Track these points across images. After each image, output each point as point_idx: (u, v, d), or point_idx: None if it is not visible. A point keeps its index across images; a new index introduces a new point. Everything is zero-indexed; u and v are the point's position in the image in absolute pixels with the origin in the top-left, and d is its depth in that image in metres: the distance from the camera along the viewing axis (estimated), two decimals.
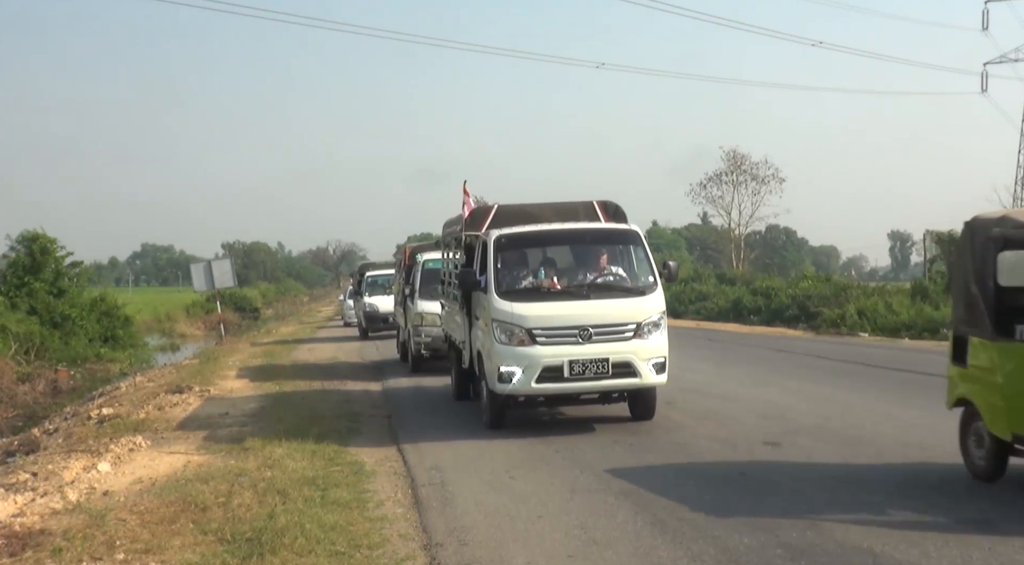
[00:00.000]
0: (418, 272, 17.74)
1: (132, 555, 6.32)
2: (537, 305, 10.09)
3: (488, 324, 10.21)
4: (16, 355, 24.59)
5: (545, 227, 11.19)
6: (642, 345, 9.97)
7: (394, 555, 6.16)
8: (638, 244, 10.81)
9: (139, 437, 10.94)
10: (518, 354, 9.90)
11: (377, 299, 27.36)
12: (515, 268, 10.83)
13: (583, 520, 6.80)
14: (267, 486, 8.04)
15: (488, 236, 10.83)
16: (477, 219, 11.90)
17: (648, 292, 10.29)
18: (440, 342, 15.73)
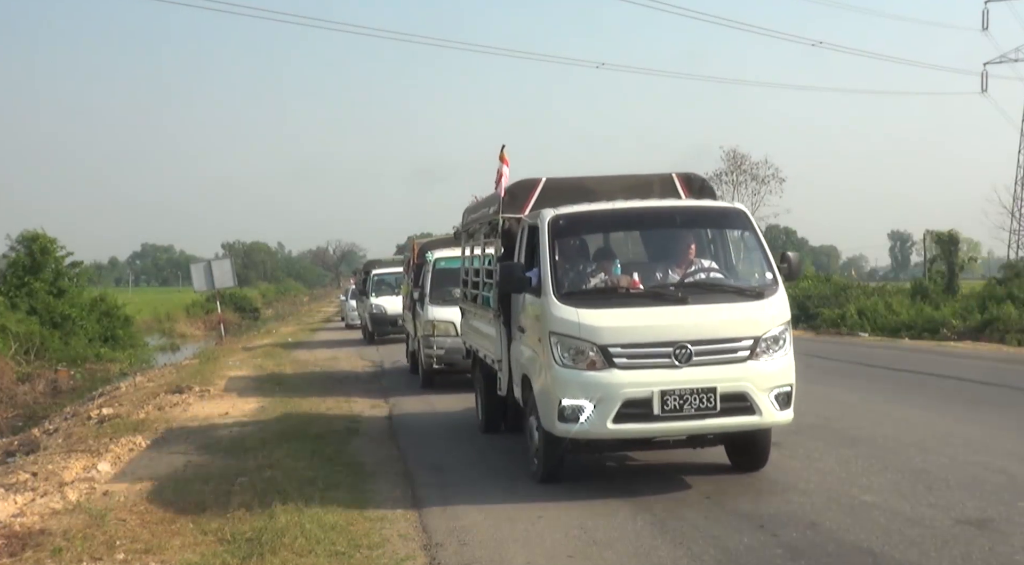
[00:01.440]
0: (428, 273, 15.30)
1: (132, 555, 6.32)
2: (614, 313, 7.28)
3: (542, 339, 7.44)
4: (16, 355, 24.59)
5: (620, 205, 8.23)
6: (762, 369, 7.26)
7: (394, 555, 6.16)
8: (746, 228, 8.07)
9: (139, 437, 10.94)
10: (588, 382, 7.11)
11: (385, 300, 25.30)
12: (579, 261, 8.10)
13: (583, 520, 6.79)
14: (267, 486, 8.04)
15: (540, 218, 8.03)
16: (517, 197, 9.19)
17: (767, 294, 7.53)
18: (455, 355, 13.89)
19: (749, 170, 55.30)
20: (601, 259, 8.09)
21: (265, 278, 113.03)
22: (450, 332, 14.05)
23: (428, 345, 14.54)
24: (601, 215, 8.18)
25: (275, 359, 21.81)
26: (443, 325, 14.33)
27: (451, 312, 13.76)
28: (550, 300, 7.42)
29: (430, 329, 14.52)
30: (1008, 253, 51.87)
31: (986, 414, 10.93)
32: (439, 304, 14.62)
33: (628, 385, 7.08)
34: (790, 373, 7.45)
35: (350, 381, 16.99)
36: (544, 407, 7.46)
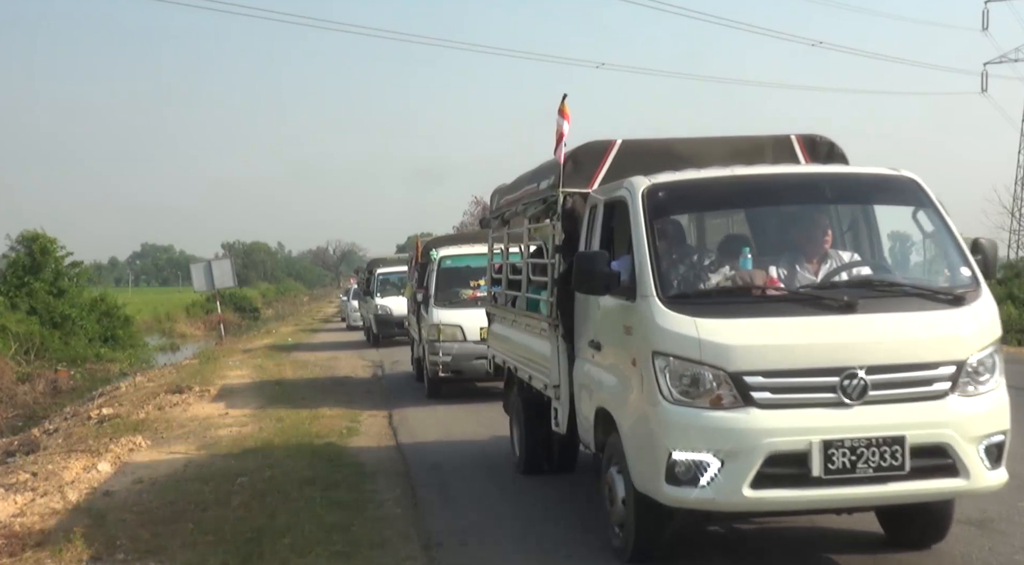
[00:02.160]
0: (433, 272, 14.01)
1: (132, 555, 6.32)
2: (751, 324, 5.07)
3: (638, 360, 5.24)
4: (16, 355, 24.61)
5: (745, 172, 5.93)
6: (968, 408, 5.07)
7: (394, 555, 6.15)
8: (922, 204, 5.85)
9: (139, 437, 10.94)
10: (713, 427, 4.93)
11: (391, 301, 23.76)
12: (689, 250, 6.03)
13: (584, 521, 6.79)
14: (267, 486, 8.04)
15: (629, 189, 5.71)
16: (583, 166, 6.87)
17: (968, 299, 5.38)
18: (463, 362, 12.91)
19: None
20: (723, 248, 5.89)
21: (265, 278, 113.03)
22: (457, 337, 13.01)
23: (433, 351, 13.18)
24: (718, 185, 5.86)
25: (274, 360, 21.80)
26: (450, 329, 13.11)
27: (459, 315, 13.11)
28: (653, 305, 5.14)
29: (435, 333, 13.21)
30: (1008, 253, 51.83)
31: None
32: (445, 306, 13.52)
33: (775, 432, 4.85)
34: (1005, 415, 5.18)
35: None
36: (641, 460, 5.21)
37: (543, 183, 7.36)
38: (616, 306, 5.60)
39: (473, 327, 12.57)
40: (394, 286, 24.39)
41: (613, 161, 6.82)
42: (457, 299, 13.48)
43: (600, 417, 5.89)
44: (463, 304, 13.27)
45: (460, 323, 13.01)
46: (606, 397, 5.77)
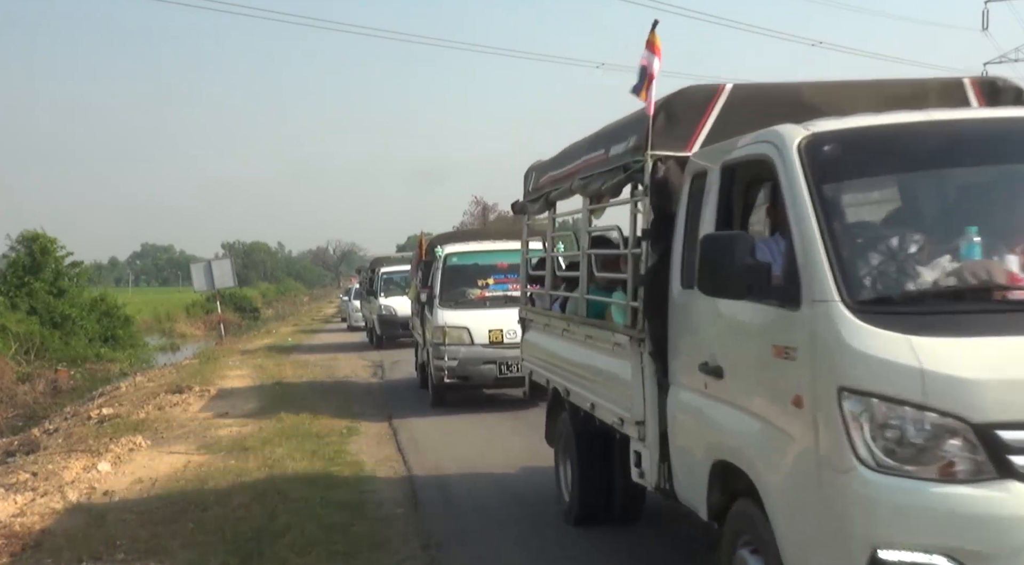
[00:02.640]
0: (438, 270, 13.11)
1: (132, 555, 6.33)
2: (999, 345, 3.19)
3: (809, 399, 3.40)
4: (16, 355, 24.59)
5: (951, 115, 4.27)
6: None
7: (394, 555, 6.15)
8: None
9: (139, 437, 10.94)
10: (948, 510, 3.07)
11: (395, 301, 22.77)
12: (875, 232, 3.91)
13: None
14: (267, 486, 8.04)
15: (778, 144, 3.89)
16: (678, 122, 5.15)
17: None
18: (470, 366, 12.03)
19: None
20: (933, 228, 3.87)
21: (265, 278, 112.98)
22: (464, 339, 12.13)
23: (439, 354, 12.20)
24: (914, 133, 4.01)
25: (274, 360, 21.79)
26: (456, 332, 12.19)
27: (465, 316, 12.31)
28: (836, 315, 3.34)
29: (440, 336, 12.23)
30: None
31: None
32: (451, 307, 12.55)
33: None
34: None
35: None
36: (815, 555, 3.41)
37: (617, 147, 5.69)
38: (761, 316, 3.77)
39: (481, 329, 12.08)
40: (398, 286, 23.54)
41: (719, 115, 5.09)
42: (464, 299, 12.66)
43: (720, 473, 4.15)
44: (470, 304, 12.57)
45: (467, 325, 12.17)
46: (735, 447, 4.02)
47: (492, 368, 11.87)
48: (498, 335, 11.90)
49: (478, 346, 12.03)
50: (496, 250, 13.19)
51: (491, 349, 11.92)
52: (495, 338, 11.96)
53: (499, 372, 11.84)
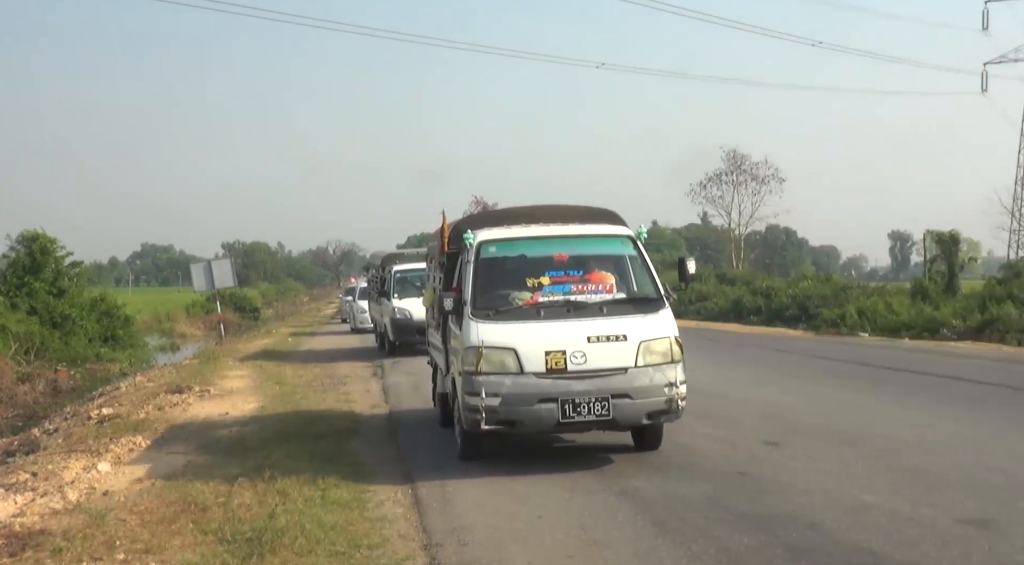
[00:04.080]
0: (470, 265, 8.98)
1: (132, 555, 6.32)
2: None
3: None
4: (16, 355, 24.58)
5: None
6: None
7: (394, 555, 6.15)
8: None
9: (139, 437, 10.94)
10: None
11: (410, 303, 20.55)
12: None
13: (583, 520, 6.79)
14: (267, 486, 8.04)
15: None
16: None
17: None
18: (522, 406, 8.16)
19: (749, 170, 55.32)
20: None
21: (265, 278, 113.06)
22: (509, 367, 8.21)
23: (472, 389, 8.25)
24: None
25: (274, 360, 21.79)
26: (497, 355, 8.27)
27: (511, 333, 8.34)
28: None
29: (474, 362, 8.30)
30: (1008, 253, 51.90)
31: (986, 414, 10.93)
32: (489, 319, 8.50)
33: None
34: None
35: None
36: None
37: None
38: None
39: (534, 351, 8.18)
40: (413, 286, 21.40)
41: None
42: (508, 308, 8.64)
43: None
44: (517, 315, 8.53)
45: (513, 345, 8.26)
46: None
47: (552, 409, 8.06)
48: (559, 359, 8.12)
49: (530, 376, 8.16)
50: (552, 236, 9.16)
51: (550, 380, 8.12)
52: (555, 364, 8.16)
53: (562, 414, 8.07)
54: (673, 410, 8.28)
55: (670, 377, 8.26)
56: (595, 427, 8.43)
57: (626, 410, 8.17)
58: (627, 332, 8.25)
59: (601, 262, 8.95)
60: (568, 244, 9.03)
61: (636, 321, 8.40)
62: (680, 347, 8.39)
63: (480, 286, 8.79)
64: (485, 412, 8.19)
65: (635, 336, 8.25)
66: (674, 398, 8.22)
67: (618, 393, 8.13)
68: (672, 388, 8.21)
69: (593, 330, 8.25)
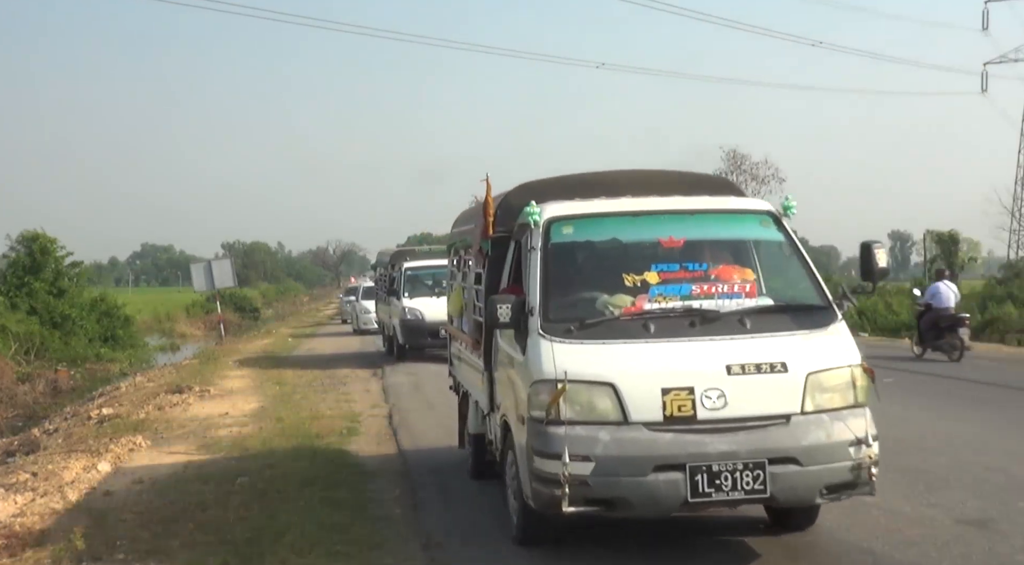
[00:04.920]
0: (536, 253, 5.99)
1: (132, 555, 6.32)
2: None
3: None
4: (16, 355, 24.59)
5: None
6: None
7: (394, 555, 6.15)
8: None
9: (139, 437, 10.94)
10: None
11: (421, 303, 19.29)
12: None
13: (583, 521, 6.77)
14: (267, 486, 8.04)
15: None
16: None
17: None
18: (628, 475, 5.21)
19: (749, 170, 55.19)
20: None
21: (265, 278, 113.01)
22: (605, 413, 5.36)
23: (546, 447, 5.34)
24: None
25: (274, 360, 21.78)
26: (585, 394, 5.39)
27: (607, 357, 5.48)
28: None
29: (548, 403, 5.38)
30: (1008, 253, 51.87)
31: (986, 414, 10.93)
32: (571, 335, 5.59)
33: None
34: None
35: None
36: None
37: None
38: None
39: (646, 389, 5.33)
40: (424, 285, 20.10)
41: None
42: (598, 318, 5.71)
43: None
44: (614, 330, 5.62)
45: (612, 378, 5.38)
46: None
47: (675, 481, 5.20)
48: (685, 402, 5.29)
49: (640, 427, 5.30)
50: (658, 211, 6.30)
51: (671, 434, 5.27)
52: (678, 408, 5.30)
53: (693, 489, 5.22)
54: (863, 481, 5.35)
55: (856, 430, 5.33)
56: (746, 503, 5.48)
57: (792, 482, 5.22)
58: (786, 358, 5.37)
59: (730, 251, 6.25)
60: (682, 224, 6.15)
61: (797, 341, 5.52)
62: (869, 380, 5.56)
63: (553, 286, 5.85)
64: (569, 485, 5.16)
65: (799, 365, 5.37)
66: (863, 463, 5.31)
67: (779, 456, 5.21)
68: (860, 447, 5.30)
69: (735, 355, 5.37)
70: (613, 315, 5.68)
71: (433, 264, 20.20)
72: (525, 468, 5.56)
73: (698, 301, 5.73)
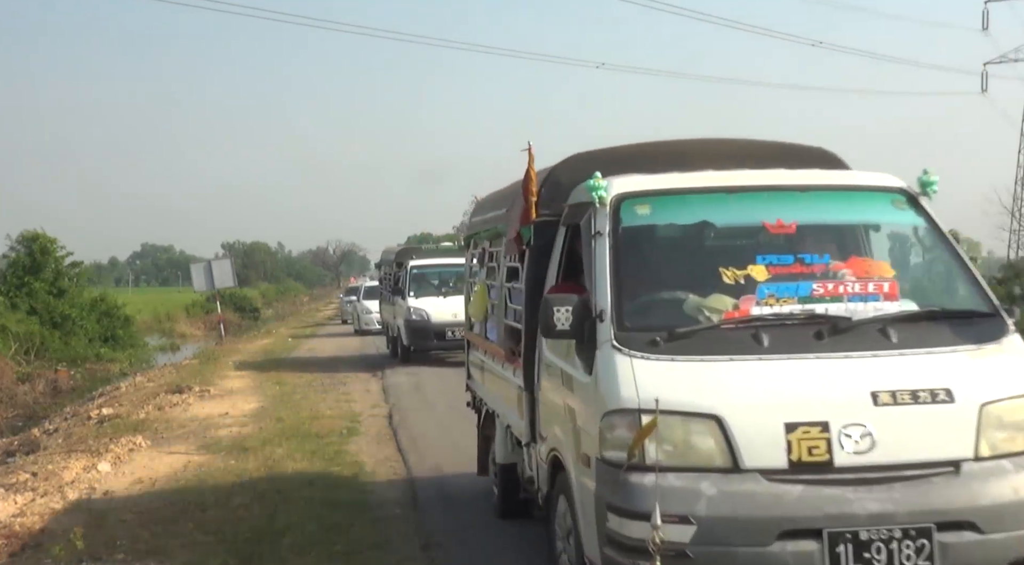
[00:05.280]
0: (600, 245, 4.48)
1: (132, 555, 6.32)
2: None
3: None
4: (16, 355, 24.60)
5: None
6: None
7: (394, 555, 6.15)
8: None
9: (139, 437, 10.94)
10: None
11: (427, 303, 18.54)
12: None
13: None
14: (267, 486, 8.04)
15: None
16: None
17: None
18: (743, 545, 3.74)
19: None
20: None
21: (265, 278, 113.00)
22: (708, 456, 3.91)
23: (630, 501, 3.84)
24: None
25: (274, 360, 21.78)
26: (681, 430, 3.90)
27: (707, 379, 4.01)
28: None
29: (623, 436, 3.92)
30: (1008, 253, 51.88)
31: None
32: (656, 349, 4.08)
33: None
34: None
35: None
36: None
37: None
38: None
39: (763, 424, 3.91)
40: (431, 285, 19.35)
41: None
42: (691, 326, 4.23)
43: None
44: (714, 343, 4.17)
45: (716, 408, 3.91)
46: None
47: (810, 551, 3.75)
48: (818, 442, 3.87)
49: (756, 476, 3.85)
50: (761, 187, 4.90)
51: (800, 486, 3.84)
52: (808, 451, 3.87)
53: (833, 564, 3.76)
54: None
55: None
56: None
57: (971, 556, 3.82)
58: (951, 383, 4.00)
59: (853, 239, 5.14)
60: (793, 204, 4.73)
61: (963, 361, 4.14)
62: None
63: (630, 283, 4.44)
64: (661, 557, 3.74)
65: (968, 393, 3.99)
66: None
67: (950, 519, 3.81)
68: None
69: (881, 378, 4.01)
70: (711, 322, 4.25)
71: (440, 263, 19.78)
72: (591, 526, 4.11)
73: (822, 304, 4.32)
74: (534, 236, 5.43)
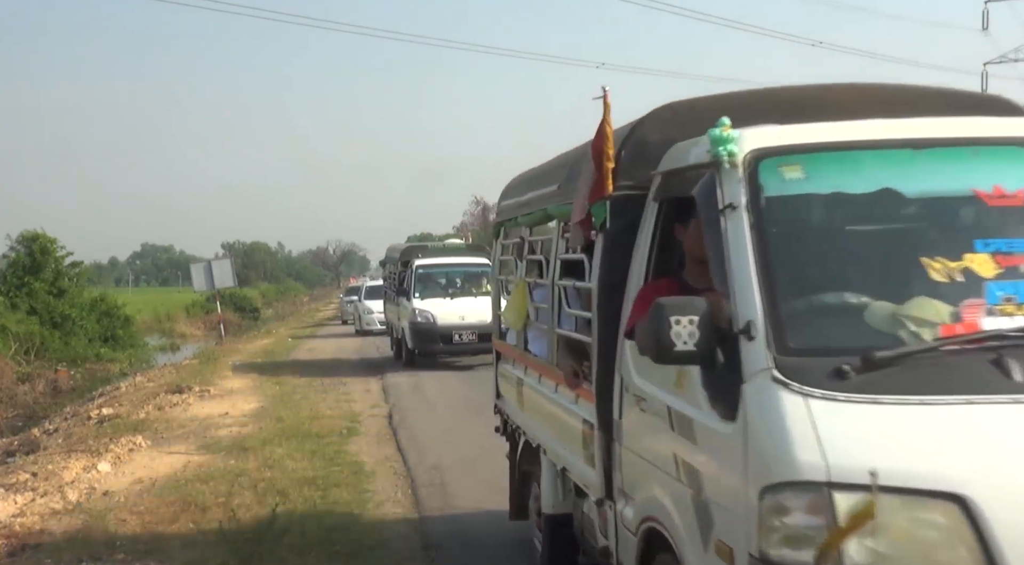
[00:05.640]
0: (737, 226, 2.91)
1: (132, 555, 6.32)
2: None
3: None
4: (16, 355, 24.59)
5: None
6: None
7: (394, 555, 6.15)
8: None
9: (139, 437, 10.94)
10: None
11: (433, 305, 17.73)
12: None
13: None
14: (267, 486, 8.04)
15: None
16: None
17: None
18: None
19: None
20: None
21: (265, 278, 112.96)
22: None
23: None
24: None
25: (274, 359, 21.77)
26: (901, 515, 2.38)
27: (938, 434, 2.47)
28: None
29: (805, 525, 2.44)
30: None
31: None
32: (845, 383, 2.55)
33: None
34: None
35: None
36: None
37: None
38: None
39: None
40: (438, 285, 18.66)
41: None
42: (888, 344, 2.67)
43: None
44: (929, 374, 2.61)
45: (957, 486, 2.39)
46: None
47: None
48: None
49: None
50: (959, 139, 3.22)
51: None
52: None
53: None
54: None
55: None
56: None
57: None
58: None
59: None
60: (1011, 163, 3.22)
61: None
62: None
63: (787, 282, 2.91)
64: None
65: None
66: None
67: None
68: None
69: None
70: (925, 342, 2.72)
71: (447, 262, 19.08)
72: None
73: None
74: (610, 217, 3.88)
